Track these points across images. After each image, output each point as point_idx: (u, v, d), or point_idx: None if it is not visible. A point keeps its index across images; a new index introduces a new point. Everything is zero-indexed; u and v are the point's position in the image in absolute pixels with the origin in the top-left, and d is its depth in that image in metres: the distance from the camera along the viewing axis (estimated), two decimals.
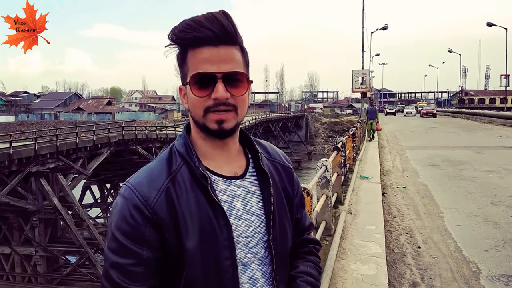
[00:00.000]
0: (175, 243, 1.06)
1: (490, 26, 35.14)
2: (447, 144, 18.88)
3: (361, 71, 37.88)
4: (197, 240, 1.06)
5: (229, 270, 1.10)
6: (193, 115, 1.14)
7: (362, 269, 4.70)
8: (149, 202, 1.06)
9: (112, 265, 1.05)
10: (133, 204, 1.05)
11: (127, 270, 1.04)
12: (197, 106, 1.11)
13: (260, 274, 1.18)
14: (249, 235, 1.16)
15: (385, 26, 39.69)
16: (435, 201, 8.42)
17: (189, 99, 1.14)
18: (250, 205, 1.18)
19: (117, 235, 1.05)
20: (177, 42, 1.12)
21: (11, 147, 17.71)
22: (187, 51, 1.11)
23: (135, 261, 1.04)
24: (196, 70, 1.09)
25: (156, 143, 29.78)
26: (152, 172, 1.12)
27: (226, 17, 1.09)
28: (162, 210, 1.06)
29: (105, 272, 1.06)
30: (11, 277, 20.74)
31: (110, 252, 1.05)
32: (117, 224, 1.05)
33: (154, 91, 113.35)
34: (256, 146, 1.25)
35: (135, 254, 1.04)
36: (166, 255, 1.07)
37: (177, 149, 1.16)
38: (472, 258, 5.45)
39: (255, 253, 1.17)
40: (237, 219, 1.14)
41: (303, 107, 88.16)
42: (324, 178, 5.76)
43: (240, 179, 1.19)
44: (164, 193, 1.07)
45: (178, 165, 1.12)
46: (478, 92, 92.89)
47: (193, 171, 1.11)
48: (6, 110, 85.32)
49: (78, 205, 20.95)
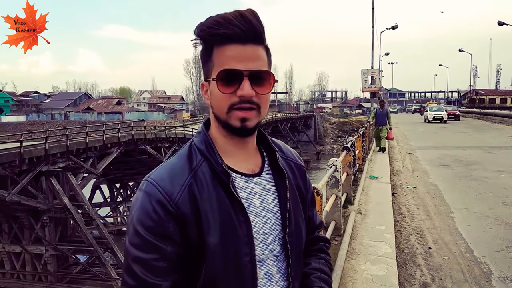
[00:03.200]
0: (196, 238, 1.06)
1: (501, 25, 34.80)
2: (458, 144, 18.75)
3: (371, 71, 37.79)
4: (219, 236, 1.07)
5: (248, 265, 1.11)
6: (216, 111, 1.14)
7: (372, 269, 4.67)
8: (173, 197, 1.06)
9: (135, 260, 1.05)
10: (157, 199, 1.06)
11: (151, 265, 1.04)
12: (221, 103, 1.12)
13: (276, 270, 1.19)
14: (266, 232, 1.16)
15: (394, 25, 39.51)
16: (446, 201, 8.36)
17: (212, 95, 1.14)
18: (267, 203, 1.18)
19: (140, 230, 1.05)
20: (205, 38, 1.12)
21: (22, 146, 17.83)
22: (213, 48, 1.11)
23: (159, 256, 1.04)
24: (222, 67, 1.09)
25: (165, 142, 29.90)
26: (173, 167, 1.12)
27: (254, 16, 1.10)
28: (185, 206, 1.06)
29: (128, 267, 1.06)
30: (21, 276, 20.89)
31: (133, 248, 1.06)
32: (140, 220, 1.06)
33: (163, 91, 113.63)
34: (272, 145, 1.26)
35: (159, 249, 1.05)
36: (187, 251, 1.07)
37: (197, 146, 1.16)
38: (483, 259, 5.40)
39: (272, 249, 1.18)
40: (255, 216, 1.14)
41: (312, 107, 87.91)
42: (333, 178, 5.74)
43: (257, 177, 1.19)
44: (187, 189, 1.08)
45: (198, 162, 1.13)
46: (489, 91, 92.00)
47: (213, 168, 1.12)
48: (17, 110, 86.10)
49: (88, 204, 21.07)
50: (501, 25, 33.90)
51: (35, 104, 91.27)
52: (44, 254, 20.19)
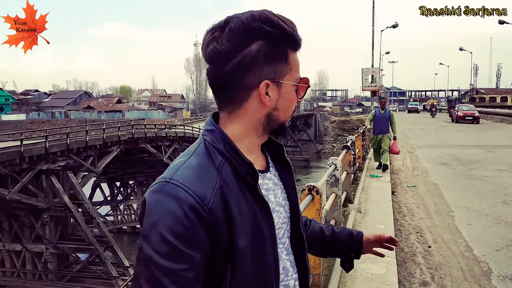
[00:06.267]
0: (226, 243, 1.01)
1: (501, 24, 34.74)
2: (458, 142, 18.74)
3: (371, 69, 37.74)
4: (247, 239, 1.04)
5: (272, 265, 1.09)
6: (281, 114, 1.15)
7: (372, 268, 4.67)
8: (206, 202, 0.99)
9: (162, 270, 0.96)
10: (189, 204, 0.98)
11: (179, 276, 0.97)
12: (292, 107, 1.17)
13: (289, 264, 1.20)
14: (280, 227, 1.17)
15: (395, 24, 39.46)
16: (446, 200, 8.36)
17: (285, 98, 1.14)
18: (278, 197, 1.19)
19: (170, 238, 0.96)
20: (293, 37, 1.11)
21: (22, 145, 17.85)
22: (287, 49, 1.11)
23: (188, 266, 0.97)
24: (299, 74, 1.15)
25: (165, 141, 29.91)
26: (199, 169, 1.05)
27: None
28: (218, 211, 1.00)
29: (152, 277, 0.97)
30: (22, 274, 20.93)
31: (159, 256, 0.96)
32: (169, 226, 0.96)
33: (163, 90, 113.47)
34: (276, 140, 1.27)
35: (189, 259, 0.97)
36: (213, 257, 1.02)
37: (213, 145, 1.09)
38: (483, 257, 5.40)
39: (283, 243, 1.18)
40: (273, 212, 1.13)
41: (312, 106, 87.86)
42: (333, 177, 5.74)
43: (268, 172, 1.20)
44: (219, 192, 1.02)
45: (220, 162, 1.07)
46: (489, 90, 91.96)
47: (235, 168, 1.07)
48: (17, 109, 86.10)
49: (88, 203, 21.08)
50: (502, 23, 33.84)
51: (35, 103, 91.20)
52: (44, 252, 20.21)
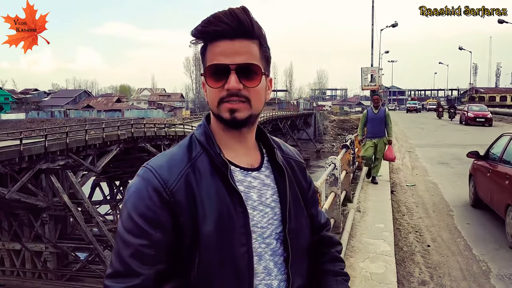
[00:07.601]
0: (191, 227, 1.08)
1: (501, 23, 34.74)
2: (458, 142, 18.74)
3: (370, 69, 37.66)
4: (214, 225, 1.08)
5: (244, 256, 1.11)
6: (210, 105, 1.18)
7: (371, 267, 4.68)
8: (169, 185, 1.08)
9: (124, 244, 1.07)
10: (153, 186, 1.08)
11: (139, 251, 1.06)
12: (212, 97, 1.15)
13: (273, 265, 1.19)
14: (263, 226, 1.17)
15: (394, 23, 39.45)
16: (445, 199, 8.37)
17: (207, 91, 1.17)
18: (265, 197, 1.19)
19: (133, 215, 1.07)
20: (197, 37, 1.15)
21: (22, 144, 17.81)
22: (207, 45, 1.15)
23: (148, 243, 1.06)
24: (211, 62, 1.13)
25: (165, 140, 29.88)
26: (173, 157, 1.15)
27: (244, 12, 1.12)
28: (180, 194, 1.08)
29: (117, 250, 1.09)
30: (21, 273, 20.92)
31: (124, 231, 1.08)
32: (135, 205, 1.08)
33: (163, 89, 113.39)
34: (271, 141, 1.28)
35: (149, 236, 1.06)
36: (179, 240, 1.08)
37: (197, 138, 1.19)
38: (482, 257, 5.42)
39: (268, 243, 1.18)
40: (252, 209, 1.15)
41: (312, 105, 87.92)
42: (333, 176, 5.75)
43: (256, 171, 1.21)
44: (183, 178, 1.10)
45: (197, 153, 1.16)
46: (489, 89, 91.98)
47: (212, 159, 1.14)
48: (17, 108, 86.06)
49: (88, 202, 21.05)
50: (501, 23, 33.84)
51: (34, 102, 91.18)
52: (44, 251, 20.22)
